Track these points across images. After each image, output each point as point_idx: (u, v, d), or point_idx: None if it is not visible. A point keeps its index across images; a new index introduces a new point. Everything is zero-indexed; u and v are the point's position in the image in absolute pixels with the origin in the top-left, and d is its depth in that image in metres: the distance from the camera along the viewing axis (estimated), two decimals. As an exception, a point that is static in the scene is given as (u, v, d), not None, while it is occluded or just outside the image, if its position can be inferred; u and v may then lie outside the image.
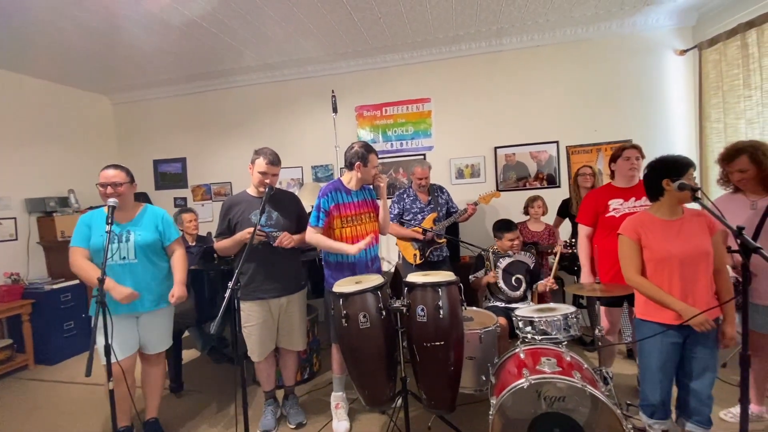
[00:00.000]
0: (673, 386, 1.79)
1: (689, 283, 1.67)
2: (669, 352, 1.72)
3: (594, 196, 2.43)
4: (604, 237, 2.32)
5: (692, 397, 1.73)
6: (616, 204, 2.32)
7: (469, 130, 4.06)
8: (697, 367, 1.71)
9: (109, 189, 2.05)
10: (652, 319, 1.76)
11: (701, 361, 1.70)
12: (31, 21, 2.98)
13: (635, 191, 2.29)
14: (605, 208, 2.33)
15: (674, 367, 1.76)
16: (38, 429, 2.56)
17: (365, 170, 2.27)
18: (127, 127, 5.01)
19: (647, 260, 1.76)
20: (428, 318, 1.90)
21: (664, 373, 1.74)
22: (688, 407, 1.75)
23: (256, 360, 2.30)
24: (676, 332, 1.70)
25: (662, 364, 1.73)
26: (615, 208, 2.32)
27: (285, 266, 2.31)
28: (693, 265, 1.67)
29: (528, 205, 3.48)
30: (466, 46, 3.94)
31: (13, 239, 3.89)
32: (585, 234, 2.43)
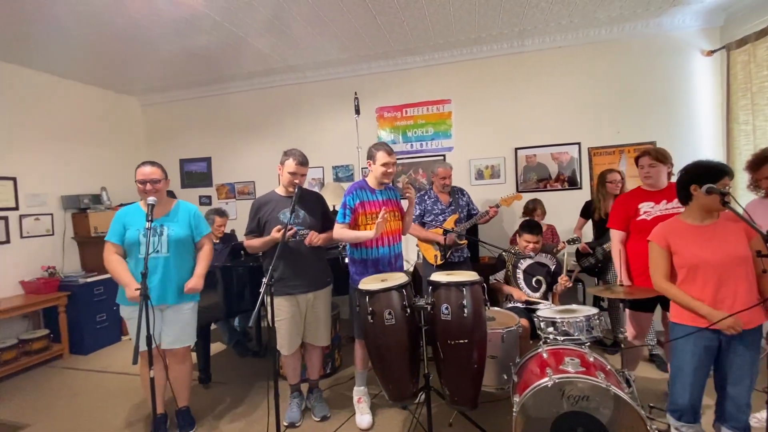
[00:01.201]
0: (704, 392, 1.77)
1: (727, 288, 1.66)
2: (701, 355, 1.71)
3: (624, 201, 2.43)
4: (637, 240, 2.32)
5: (729, 402, 1.72)
6: (647, 207, 2.31)
7: (490, 131, 4.07)
8: (734, 373, 1.69)
9: (148, 186, 2.16)
10: (686, 322, 1.75)
11: (738, 367, 1.68)
12: (71, 27, 3.13)
13: (666, 194, 2.29)
14: (636, 212, 2.33)
15: (707, 372, 1.75)
16: (75, 416, 2.70)
17: (375, 167, 2.36)
18: (154, 127, 5.19)
19: (678, 266, 1.77)
20: (452, 316, 1.94)
21: (695, 377, 1.73)
22: (725, 412, 1.74)
23: (285, 353, 2.38)
24: (711, 335, 1.69)
25: (694, 367, 1.73)
26: (646, 212, 2.31)
27: (312, 263, 2.39)
28: (728, 270, 1.65)
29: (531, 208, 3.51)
30: (487, 48, 3.96)
31: (50, 234, 4.08)
32: (618, 239, 2.43)
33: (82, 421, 2.61)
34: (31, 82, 3.94)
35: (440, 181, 3.19)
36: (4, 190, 3.70)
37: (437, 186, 3.24)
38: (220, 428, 2.45)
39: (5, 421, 2.64)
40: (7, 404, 2.89)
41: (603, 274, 3.21)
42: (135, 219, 2.22)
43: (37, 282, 3.74)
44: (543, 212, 3.57)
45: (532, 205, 3.54)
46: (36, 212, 3.96)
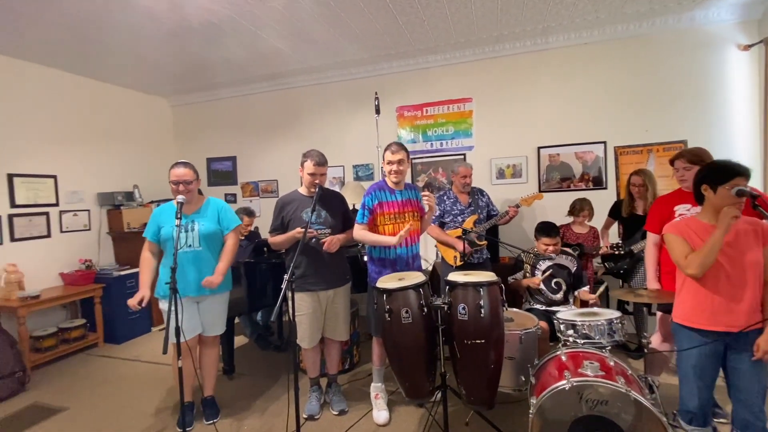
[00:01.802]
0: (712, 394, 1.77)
1: (735, 290, 1.65)
2: (706, 358, 1.70)
3: (661, 203, 2.38)
4: None
5: (743, 407, 1.69)
6: (682, 209, 2.25)
7: (511, 129, 4.02)
8: (743, 378, 1.67)
9: (181, 186, 2.27)
10: (689, 324, 1.75)
11: (746, 372, 1.66)
12: (111, 33, 3.30)
13: None
14: (671, 214, 2.27)
15: (713, 375, 1.74)
16: (109, 401, 2.87)
17: (385, 167, 2.39)
18: (183, 127, 5.39)
19: None
20: (469, 316, 1.95)
21: (701, 380, 1.72)
22: (741, 419, 1.70)
23: (306, 347, 2.46)
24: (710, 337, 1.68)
25: (699, 369, 1.72)
26: (681, 214, 2.24)
27: (332, 262, 2.44)
28: (739, 273, 1.64)
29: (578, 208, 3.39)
30: (509, 46, 3.91)
31: (87, 229, 4.32)
32: (653, 241, 2.37)
33: (116, 407, 2.76)
34: (70, 86, 4.17)
35: (461, 180, 3.17)
36: (46, 188, 3.94)
37: (457, 185, 3.23)
38: (243, 418, 2.55)
39: (47, 404, 2.83)
40: (48, 388, 3.09)
41: (629, 276, 3.13)
42: (169, 217, 2.33)
43: (75, 274, 3.96)
44: (591, 213, 3.37)
45: (579, 205, 3.38)
46: (74, 208, 4.19)
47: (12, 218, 3.66)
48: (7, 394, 2.90)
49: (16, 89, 3.72)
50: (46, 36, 3.30)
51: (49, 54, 3.68)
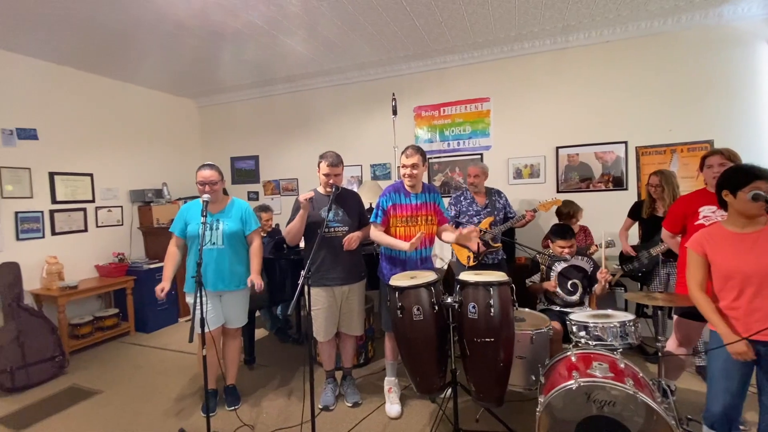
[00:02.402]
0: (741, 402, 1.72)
1: (761, 299, 1.59)
2: (734, 364, 1.66)
3: (685, 202, 2.30)
4: None
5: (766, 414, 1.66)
6: (707, 211, 2.17)
7: (530, 129, 4.00)
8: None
9: (207, 187, 2.41)
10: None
11: None
12: (143, 41, 3.49)
13: None
14: (695, 215, 2.19)
15: (742, 382, 1.69)
16: (139, 386, 3.06)
17: (401, 170, 2.43)
18: (209, 127, 5.60)
19: (714, 275, 1.72)
20: (479, 315, 1.99)
21: (727, 385, 1.69)
22: (761, 426, 1.68)
23: (321, 340, 2.56)
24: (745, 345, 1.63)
25: (726, 375, 1.68)
26: (706, 216, 2.16)
27: (348, 258, 2.53)
28: (765, 281, 1.58)
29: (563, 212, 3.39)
30: (528, 45, 3.88)
31: (120, 224, 4.57)
32: (668, 236, 2.33)
33: (145, 391, 2.95)
34: (106, 90, 4.42)
35: (470, 179, 3.21)
36: (83, 185, 4.20)
37: (468, 184, 3.26)
38: (262, 406, 2.68)
39: (84, 387, 3.05)
40: (84, 372, 3.32)
41: (647, 279, 3.09)
42: (195, 214, 2.46)
43: (109, 266, 4.21)
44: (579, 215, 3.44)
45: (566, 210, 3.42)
46: (108, 205, 4.45)
47: (53, 213, 3.92)
48: (48, 376, 3.14)
49: (57, 94, 3.98)
50: (85, 44, 3.52)
51: (86, 60, 3.91)
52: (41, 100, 3.85)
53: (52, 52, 3.66)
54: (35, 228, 3.78)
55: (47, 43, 3.49)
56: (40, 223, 3.82)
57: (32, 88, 3.77)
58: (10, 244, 3.57)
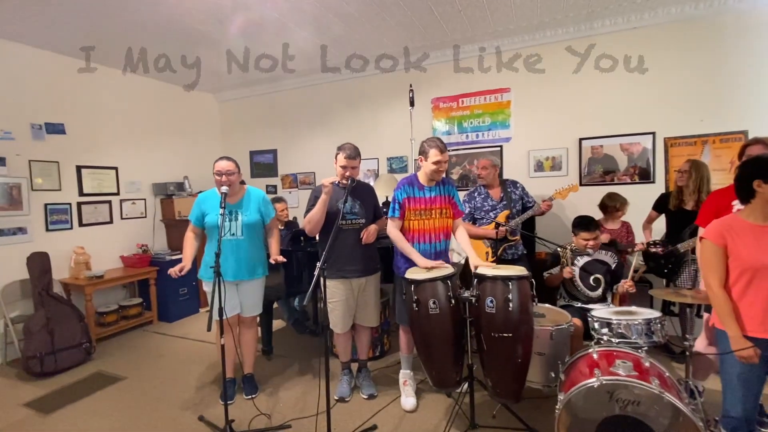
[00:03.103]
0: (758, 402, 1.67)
1: None
2: (752, 370, 1.59)
3: (718, 196, 2.20)
4: None
5: None
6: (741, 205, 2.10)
7: (552, 120, 3.88)
8: None
9: (224, 178, 2.43)
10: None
11: None
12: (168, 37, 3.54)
13: None
14: (727, 209, 2.10)
15: (761, 383, 1.63)
16: (161, 373, 3.14)
17: (426, 164, 2.37)
18: (228, 121, 5.68)
19: (732, 268, 1.63)
20: (497, 310, 1.95)
21: (746, 387, 1.62)
22: None
23: (338, 332, 2.57)
24: (760, 345, 1.57)
25: (743, 377, 1.61)
26: (740, 209, 2.10)
27: (365, 250, 2.53)
28: None
29: (608, 205, 3.28)
30: (551, 33, 3.76)
31: (143, 217, 4.70)
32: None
33: (166, 379, 3.03)
34: (131, 85, 4.52)
35: (477, 171, 3.17)
36: (108, 178, 4.33)
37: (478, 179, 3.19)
38: (279, 395, 2.71)
39: (109, 373, 3.15)
40: (109, 358, 3.44)
41: (674, 276, 2.96)
42: (213, 205, 2.50)
43: (134, 257, 4.34)
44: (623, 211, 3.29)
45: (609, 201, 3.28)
46: (132, 197, 4.57)
47: (80, 206, 4.06)
48: (75, 362, 3.26)
49: (84, 89, 4.09)
50: (110, 39, 3.60)
51: (111, 56, 4.00)
52: (68, 95, 3.97)
53: (79, 48, 3.75)
54: (64, 219, 3.92)
55: (74, 40, 3.59)
56: (68, 214, 3.95)
57: (60, 83, 3.89)
58: (40, 235, 3.72)
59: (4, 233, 3.48)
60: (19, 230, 3.57)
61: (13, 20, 3.18)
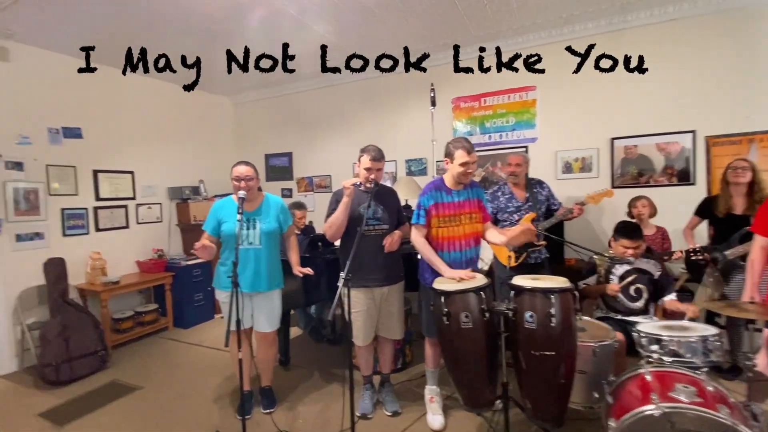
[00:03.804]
0: None
1: None
2: None
3: None
4: None
5: None
6: None
7: (581, 119, 3.68)
8: None
9: (242, 184, 2.32)
10: None
11: None
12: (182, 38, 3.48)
13: None
14: None
15: None
16: (176, 384, 3.05)
17: (452, 167, 2.21)
18: (244, 124, 5.61)
19: None
20: (538, 325, 1.78)
21: None
22: None
23: (360, 344, 2.42)
24: None
25: None
26: None
27: (388, 258, 2.38)
28: None
29: (630, 206, 3.10)
30: (580, 27, 3.56)
31: (159, 221, 4.65)
32: (760, 245, 2.04)
33: (182, 390, 2.93)
34: (146, 89, 4.48)
35: (509, 169, 2.97)
36: (124, 182, 4.29)
37: (507, 175, 3.01)
38: (298, 410, 2.58)
39: (125, 382, 3.07)
40: (125, 367, 3.36)
41: (721, 285, 2.73)
42: (230, 213, 2.38)
43: (149, 262, 4.28)
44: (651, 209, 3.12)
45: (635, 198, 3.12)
46: (148, 202, 4.53)
47: (97, 210, 4.02)
48: (91, 370, 3.19)
49: (100, 93, 4.06)
50: (126, 43, 3.56)
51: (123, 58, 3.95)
52: (85, 99, 3.94)
53: (96, 52, 3.70)
54: (80, 224, 3.88)
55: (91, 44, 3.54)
56: (84, 219, 3.92)
57: (77, 87, 3.86)
58: (57, 240, 3.68)
59: (22, 239, 3.45)
60: (36, 235, 3.54)
61: (30, 24, 3.15)
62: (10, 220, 3.35)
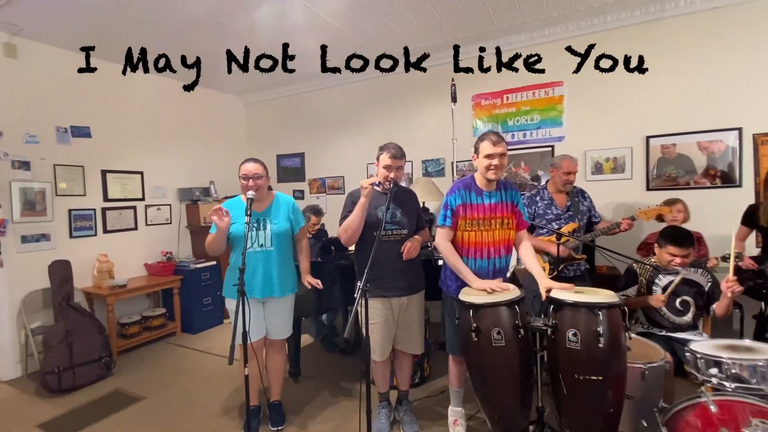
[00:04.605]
0: None
1: None
2: None
3: None
4: None
5: None
6: None
7: (613, 116, 3.43)
8: None
9: (251, 182, 2.16)
10: None
11: None
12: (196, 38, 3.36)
13: None
14: None
15: None
16: (182, 395, 2.90)
17: (479, 161, 2.00)
18: (255, 124, 5.49)
19: None
20: (582, 345, 1.56)
21: None
22: None
23: (378, 359, 2.21)
24: None
25: None
26: None
27: (407, 265, 2.18)
28: None
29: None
30: (613, 17, 3.32)
31: (168, 223, 4.53)
32: None
33: (187, 402, 2.77)
34: (157, 88, 4.38)
35: (563, 176, 2.65)
36: (134, 183, 4.18)
37: (557, 183, 2.71)
38: (309, 428, 2.39)
39: (128, 392, 2.93)
40: (129, 375, 3.23)
41: (776, 298, 2.47)
42: (239, 213, 2.22)
43: (158, 265, 4.16)
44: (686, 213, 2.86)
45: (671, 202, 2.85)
46: (158, 203, 4.42)
47: (105, 211, 3.92)
48: (94, 378, 3.06)
49: (110, 92, 3.96)
50: (137, 42, 3.46)
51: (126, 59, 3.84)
52: (94, 97, 3.84)
53: (105, 50, 3.61)
54: (88, 226, 3.78)
55: (101, 41, 3.45)
56: (92, 220, 3.82)
57: (86, 85, 3.76)
58: (63, 242, 3.58)
59: (28, 240, 3.35)
60: (43, 237, 3.44)
61: (36, 19, 3.06)
62: (15, 221, 3.26)
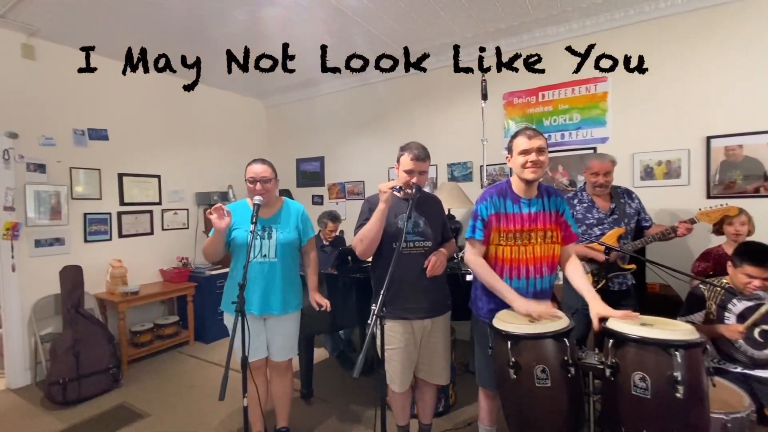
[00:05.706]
0: None
1: None
2: None
3: None
4: None
5: None
6: None
7: (666, 114, 3.04)
8: None
9: (258, 186, 1.97)
10: None
11: None
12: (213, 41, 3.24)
13: None
14: None
15: None
16: (188, 411, 2.72)
17: (513, 160, 1.71)
18: (275, 128, 5.36)
19: None
20: (653, 394, 1.24)
21: None
22: None
23: (397, 390, 1.93)
24: None
25: None
26: None
27: (432, 282, 1.90)
28: None
29: (725, 222, 2.43)
30: (665, 4, 2.96)
31: (185, 228, 4.43)
32: None
33: (192, 421, 2.59)
34: (175, 90, 4.29)
35: (590, 178, 2.38)
36: (151, 187, 4.10)
37: (589, 186, 2.45)
38: (319, 461, 2.15)
39: (133, 407, 2.78)
40: (137, 387, 3.08)
41: None
42: (244, 218, 2.03)
43: (173, 271, 4.05)
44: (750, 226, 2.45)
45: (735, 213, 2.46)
46: (175, 207, 4.32)
47: (121, 215, 3.84)
48: (100, 389, 2.94)
49: (128, 94, 3.90)
50: (155, 44, 3.37)
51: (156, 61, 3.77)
52: (113, 99, 3.79)
53: (122, 52, 3.54)
54: (103, 230, 3.70)
55: (118, 44, 3.38)
56: (107, 225, 3.74)
57: (105, 87, 3.71)
58: (78, 246, 3.51)
59: (41, 244, 3.29)
60: (56, 241, 3.37)
61: (56, 21, 3.00)
62: (29, 225, 3.20)
